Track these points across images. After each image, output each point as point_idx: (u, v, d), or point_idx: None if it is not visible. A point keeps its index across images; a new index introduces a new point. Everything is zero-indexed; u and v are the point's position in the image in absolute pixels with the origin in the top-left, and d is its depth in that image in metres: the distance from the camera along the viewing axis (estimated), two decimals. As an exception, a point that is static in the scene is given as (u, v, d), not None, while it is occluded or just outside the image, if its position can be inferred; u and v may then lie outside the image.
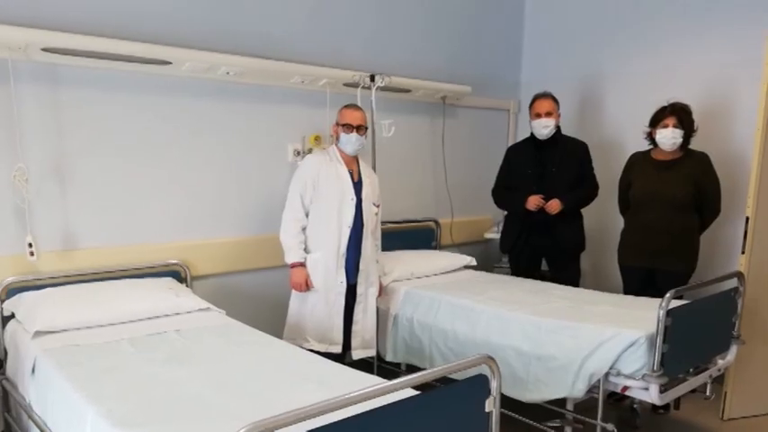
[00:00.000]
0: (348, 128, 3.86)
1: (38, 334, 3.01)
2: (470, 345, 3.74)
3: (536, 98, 4.63)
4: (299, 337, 3.88)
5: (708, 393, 3.62)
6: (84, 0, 3.49)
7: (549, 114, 4.54)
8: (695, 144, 4.27)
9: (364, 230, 3.94)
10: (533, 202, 4.53)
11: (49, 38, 3.26)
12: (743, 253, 4.10)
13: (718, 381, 3.97)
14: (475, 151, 5.83)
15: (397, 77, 4.73)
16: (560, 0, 5.81)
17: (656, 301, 3.28)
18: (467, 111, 5.72)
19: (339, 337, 3.91)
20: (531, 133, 4.68)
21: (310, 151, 4.41)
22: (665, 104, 4.22)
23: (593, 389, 3.27)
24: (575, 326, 3.38)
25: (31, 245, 3.39)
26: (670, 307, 3.09)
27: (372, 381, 2.50)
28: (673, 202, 4.15)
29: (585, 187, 4.64)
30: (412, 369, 4.20)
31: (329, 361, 2.79)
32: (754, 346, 4.15)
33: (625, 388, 3.23)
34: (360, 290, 3.98)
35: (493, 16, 5.85)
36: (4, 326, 3.30)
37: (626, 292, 4.38)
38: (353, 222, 3.87)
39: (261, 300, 4.36)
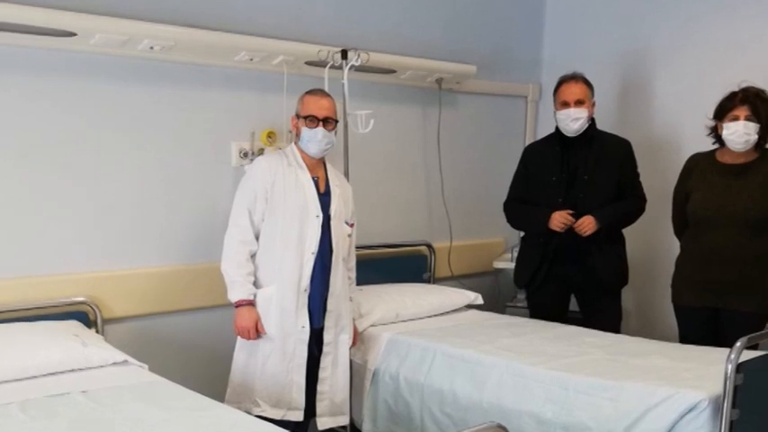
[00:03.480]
0: (312, 121, 3.90)
1: None
2: (475, 410, 3.76)
3: (563, 81, 4.70)
4: (246, 400, 3.90)
5: (791, 474, 3.67)
6: (-41, -50, 3.53)
7: (579, 103, 4.61)
8: (773, 143, 4.36)
9: (333, 258, 3.98)
10: (559, 219, 4.58)
11: None
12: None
13: (805, 457, 4.03)
14: (481, 152, 5.90)
15: (378, 54, 4.77)
16: (595, -48, 5.92)
17: (723, 351, 3.31)
18: (470, 98, 5.79)
19: (300, 399, 3.93)
20: (557, 128, 4.75)
21: (261, 152, 4.46)
22: (736, 90, 4.28)
23: (638, 468, 3.32)
24: (614, 385, 3.42)
25: None
26: (741, 360, 3.12)
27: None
28: (745, 220, 4.21)
29: (628, 200, 4.72)
30: (398, 444, 4.23)
31: (287, 432, 2.82)
32: None
33: (681, 467, 3.28)
34: (328, 337, 4.02)
35: (505, -27, 5.96)
36: None
37: (682, 340, 4.44)
38: (319, 247, 3.91)
39: (196, 350, 4.39)
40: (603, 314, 4.74)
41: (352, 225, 4.14)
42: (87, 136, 3.98)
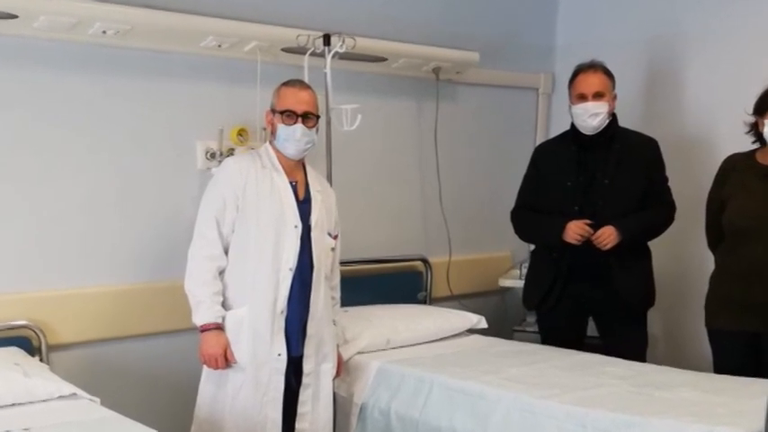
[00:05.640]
0: (289, 117, 3.90)
1: None
2: (479, 450, 3.82)
3: (579, 71, 4.73)
4: (213, 440, 3.94)
5: None
6: None
7: (599, 96, 4.63)
8: (821, 142, 4.39)
9: (314, 275, 3.99)
10: (575, 230, 4.59)
11: None
12: None
13: None
14: (485, 152, 5.94)
15: (366, 39, 4.79)
16: None
17: (764, 383, 3.35)
18: (473, 90, 5.84)
19: (276, 439, 3.97)
20: (572, 125, 4.79)
21: (231, 153, 4.49)
22: (779, 81, 4.34)
23: None
24: (639, 421, 3.42)
25: None
26: (785, 392, 3.17)
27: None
28: (789, 232, 4.26)
29: (655, 208, 4.75)
30: (389, 490, 4.25)
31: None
32: None
33: None
34: (308, 366, 4.03)
35: (513, -54, 6.00)
36: None
37: (717, 370, 4.46)
38: (298, 262, 3.92)
39: (156, 381, 4.40)
40: (626, 340, 4.75)
41: (335, 237, 4.16)
42: (29, 134, 4.00)
